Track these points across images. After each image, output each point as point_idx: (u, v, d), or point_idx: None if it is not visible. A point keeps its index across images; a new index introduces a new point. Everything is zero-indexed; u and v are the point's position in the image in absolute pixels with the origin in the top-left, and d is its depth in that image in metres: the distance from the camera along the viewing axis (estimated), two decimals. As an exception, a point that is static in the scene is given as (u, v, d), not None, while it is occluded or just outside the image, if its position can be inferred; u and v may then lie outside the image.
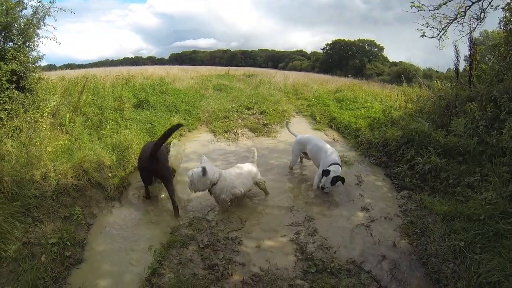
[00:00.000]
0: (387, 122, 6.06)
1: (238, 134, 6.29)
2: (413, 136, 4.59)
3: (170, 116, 6.51)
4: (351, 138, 6.07)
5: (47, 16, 4.47)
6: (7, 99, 3.96)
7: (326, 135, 6.49)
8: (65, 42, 6.63)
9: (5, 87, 3.92)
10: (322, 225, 3.27)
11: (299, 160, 4.78)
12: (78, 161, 3.58)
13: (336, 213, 3.51)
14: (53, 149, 3.79)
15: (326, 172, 3.75)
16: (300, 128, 6.59)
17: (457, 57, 5.67)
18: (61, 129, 4.52)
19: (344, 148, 5.62)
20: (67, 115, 4.75)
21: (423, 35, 5.42)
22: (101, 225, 3.18)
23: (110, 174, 3.92)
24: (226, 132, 6.33)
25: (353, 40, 31.77)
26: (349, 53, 31.08)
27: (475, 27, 5.25)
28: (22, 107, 4.11)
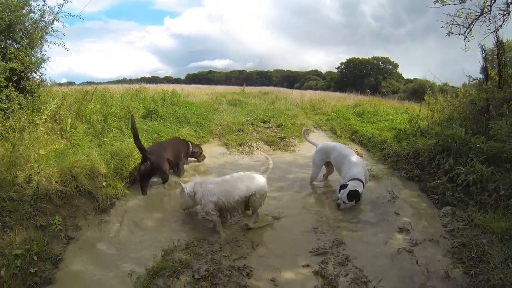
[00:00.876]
0: (415, 133, 5.47)
1: (253, 147, 5.80)
2: (450, 143, 3.99)
3: (180, 128, 6.13)
4: (376, 151, 5.50)
5: (55, 21, 4.36)
6: (4, 97, 3.73)
7: (348, 148, 5.95)
8: (86, 61, 6.88)
9: (2, 85, 3.69)
10: (355, 252, 2.61)
11: (322, 175, 4.24)
12: (67, 165, 3.17)
13: (371, 236, 2.87)
14: (46, 152, 3.44)
15: (343, 187, 3.31)
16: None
17: (485, 57, 5.12)
18: (61, 134, 4.23)
19: (370, 161, 4.99)
20: (69, 120, 4.49)
21: (450, 33, 4.90)
22: (84, 240, 2.70)
23: (104, 183, 3.49)
24: (240, 145, 5.85)
25: (367, 58, 31.34)
26: (364, 72, 30.57)
27: (502, 24, 4.74)
28: (20, 108, 3.85)
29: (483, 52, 5.10)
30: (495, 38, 4.87)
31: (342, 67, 33.55)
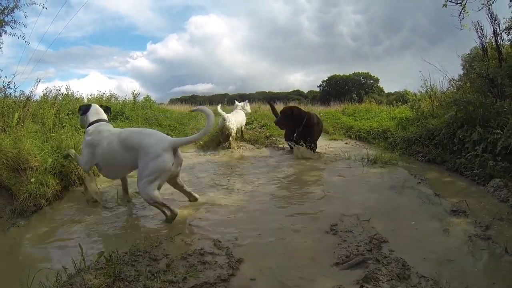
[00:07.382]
0: (419, 117, 4.87)
1: (234, 146, 5.01)
2: (472, 112, 3.37)
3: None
4: (380, 141, 4.91)
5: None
6: None
7: (346, 144, 5.32)
8: (70, 86, 6.60)
9: None
10: (408, 250, 1.64)
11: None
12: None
13: (418, 225, 1.93)
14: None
15: None
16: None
17: (482, 31, 4.78)
18: (4, 128, 3.42)
19: (377, 151, 4.15)
20: (16, 115, 3.69)
21: (446, 4, 4.54)
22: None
23: (32, 180, 2.54)
24: (218, 145, 5.04)
25: (348, 74, 31.52)
26: (346, 88, 30.70)
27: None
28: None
29: (480, 26, 4.81)
30: (488, 15, 4.61)
31: (324, 84, 33.64)
